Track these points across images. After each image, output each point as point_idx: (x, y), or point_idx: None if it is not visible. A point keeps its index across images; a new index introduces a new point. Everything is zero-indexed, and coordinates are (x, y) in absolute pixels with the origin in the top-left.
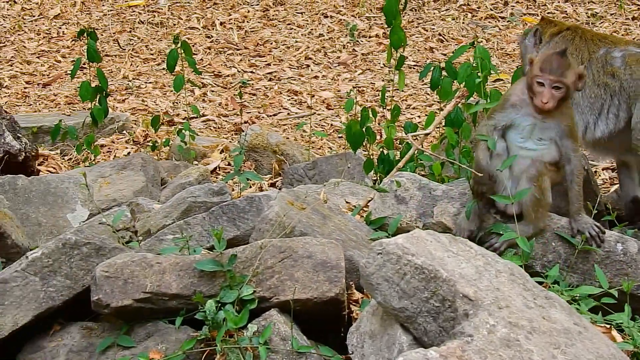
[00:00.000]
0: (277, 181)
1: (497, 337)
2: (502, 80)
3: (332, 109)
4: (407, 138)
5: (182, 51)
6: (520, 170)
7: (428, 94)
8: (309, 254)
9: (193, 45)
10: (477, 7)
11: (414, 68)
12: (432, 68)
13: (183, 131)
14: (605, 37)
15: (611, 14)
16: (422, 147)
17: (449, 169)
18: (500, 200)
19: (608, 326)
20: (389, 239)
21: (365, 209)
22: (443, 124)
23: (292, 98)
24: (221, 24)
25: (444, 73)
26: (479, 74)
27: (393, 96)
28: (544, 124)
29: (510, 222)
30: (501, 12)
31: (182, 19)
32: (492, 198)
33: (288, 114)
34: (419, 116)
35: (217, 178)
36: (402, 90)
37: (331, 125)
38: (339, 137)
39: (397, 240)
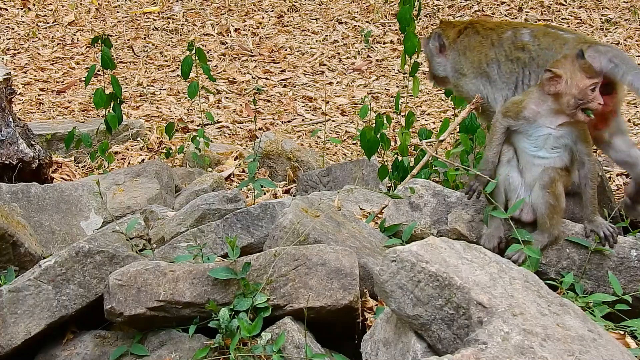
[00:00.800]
0: (292, 188)
1: (511, 344)
2: None
3: (347, 115)
4: (422, 145)
5: (197, 58)
6: (533, 178)
7: (443, 100)
8: (322, 262)
9: (207, 52)
10: (492, 13)
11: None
12: None
13: (197, 138)
14: (511, 22)
15: (625, 20)
16: (437, 153)
17: (464, 175)
18: (498, 215)
19: (622, 333)
20: (403, 247)
21: (379, 215)
22: (457, 130)
23: (306, 104)
24: (236, 30)
25: None
26: None
27: (408, 102)
28: (559, 132)
29: (527, 229)
30: (515, 17)
31: (196, 26)
32: (492, 214)
33: (302, 120)
34: (433, 122)
35: (231, 185)
36: (417, 97)
37: (346, 131)
38: (354, 144)
39: (411, 248)
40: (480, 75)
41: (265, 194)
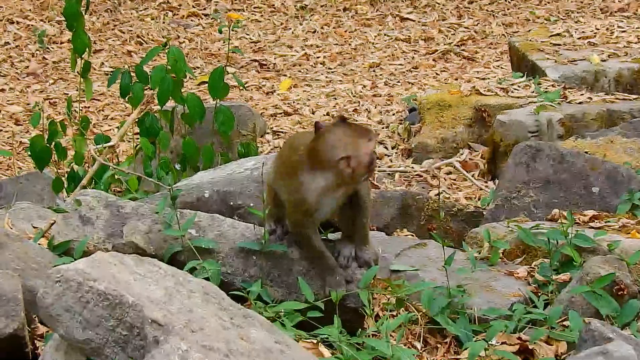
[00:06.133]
0: None
1: None
2: (206, 82)
3: (22, 125)
4: (91, 152)
5: None
6: None
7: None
8: None
9: None
10: (179, 5)
11: (110, 74)
12: (121, 73)
13: None
14: None
15: (321, 6)
16: (117, 160)
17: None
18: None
19: (315, 342)
20: (67, 265)
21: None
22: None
23: None
24: None
25: (135, 78)
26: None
27: (88, 107)
28: None
29: None
30: (204, 9)
31: None
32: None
33: None
34: (117, 127)
35: None
36: (92, 100)
37: (20, 142)
38: (30, 155)
39: (77, 266)
40: None
41: None
